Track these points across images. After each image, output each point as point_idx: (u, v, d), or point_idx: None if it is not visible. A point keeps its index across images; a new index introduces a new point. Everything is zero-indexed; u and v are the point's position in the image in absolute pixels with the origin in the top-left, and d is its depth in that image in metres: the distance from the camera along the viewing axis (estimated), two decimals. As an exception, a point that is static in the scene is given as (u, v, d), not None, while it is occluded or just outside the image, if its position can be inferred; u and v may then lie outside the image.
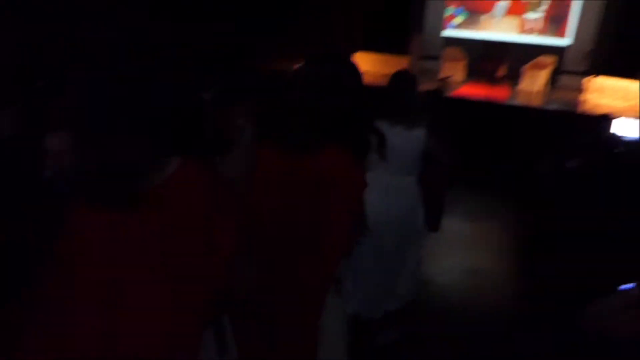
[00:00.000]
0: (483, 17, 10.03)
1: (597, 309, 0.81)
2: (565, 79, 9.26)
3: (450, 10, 10.24)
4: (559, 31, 9.53)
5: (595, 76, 8.26)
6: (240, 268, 1.10)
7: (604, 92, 8.07)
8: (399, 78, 2.73)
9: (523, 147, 5.69)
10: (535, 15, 9.65)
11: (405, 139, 2.62)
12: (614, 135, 4.51)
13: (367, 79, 1.60)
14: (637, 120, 5.23)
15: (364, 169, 1.53)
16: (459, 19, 10.25)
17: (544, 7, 9.56)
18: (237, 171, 1.20)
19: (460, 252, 4.25)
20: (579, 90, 8.48)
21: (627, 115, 5.78)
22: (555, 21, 9.54)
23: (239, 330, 1.39)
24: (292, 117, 1.43)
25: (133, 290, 1.00)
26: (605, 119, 4.37)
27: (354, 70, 1.50)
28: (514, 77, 8.97)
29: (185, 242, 1.01)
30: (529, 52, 9.28)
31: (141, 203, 0.98)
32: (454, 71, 9.01)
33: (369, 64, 8.83)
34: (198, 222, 1.02)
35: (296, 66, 1.44)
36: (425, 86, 3.17)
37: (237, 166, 1.20)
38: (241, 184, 1.19)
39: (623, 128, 5.06)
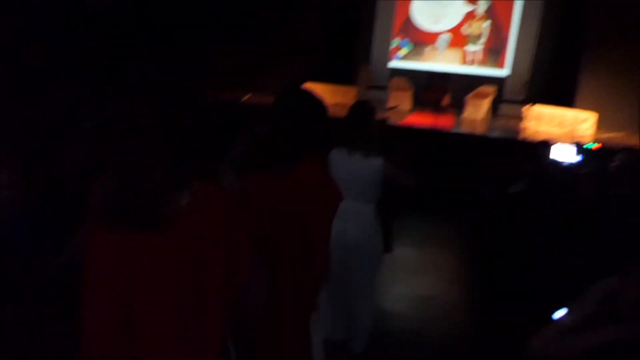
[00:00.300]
0: (427, 49, 10.43)
1: (538, 341, 0.84)
2: (505, 108, 9.71)
3: (396, 42, 10.60)
4: (499, 62, 10.03)
5: (532, 105, 8.69)
6: (256, 280, 1.19)
7: (541, 119, 8.49)
8: (358, 108, 2.81)
9: (468, 173, 5.86)
10: (475, 48, 10.13)
11: (363, 167, 2.69)
12: (553, 160, 4.72)
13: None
14: (573, 146, 5.52)
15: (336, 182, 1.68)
16: (404, 51, 10.61)
17: (483, 39, 10.06)
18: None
19: (410, 279, 4.27)
20: (519, 118, 8.89)
21: (564, 141, 6.09)
22: (494, 53, 10.05)
23: (239, 341, 1.47)
24: (273, 141, 1.58)
25: (155, 308, 1.06)
26: (545, 145, 4.58)
27: (320, 102, 1.67)
28: (458, 106, 9.32)
29: (208, 258, 1.09)
30: (471, 82, 9.70)
31: (166, 225, 1.05)
32: (401, 101, 9.27)
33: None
34: (219, 240, 1.10)
35: (246, 97, 1.54)
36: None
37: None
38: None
39: (560, 153, 5.32)
